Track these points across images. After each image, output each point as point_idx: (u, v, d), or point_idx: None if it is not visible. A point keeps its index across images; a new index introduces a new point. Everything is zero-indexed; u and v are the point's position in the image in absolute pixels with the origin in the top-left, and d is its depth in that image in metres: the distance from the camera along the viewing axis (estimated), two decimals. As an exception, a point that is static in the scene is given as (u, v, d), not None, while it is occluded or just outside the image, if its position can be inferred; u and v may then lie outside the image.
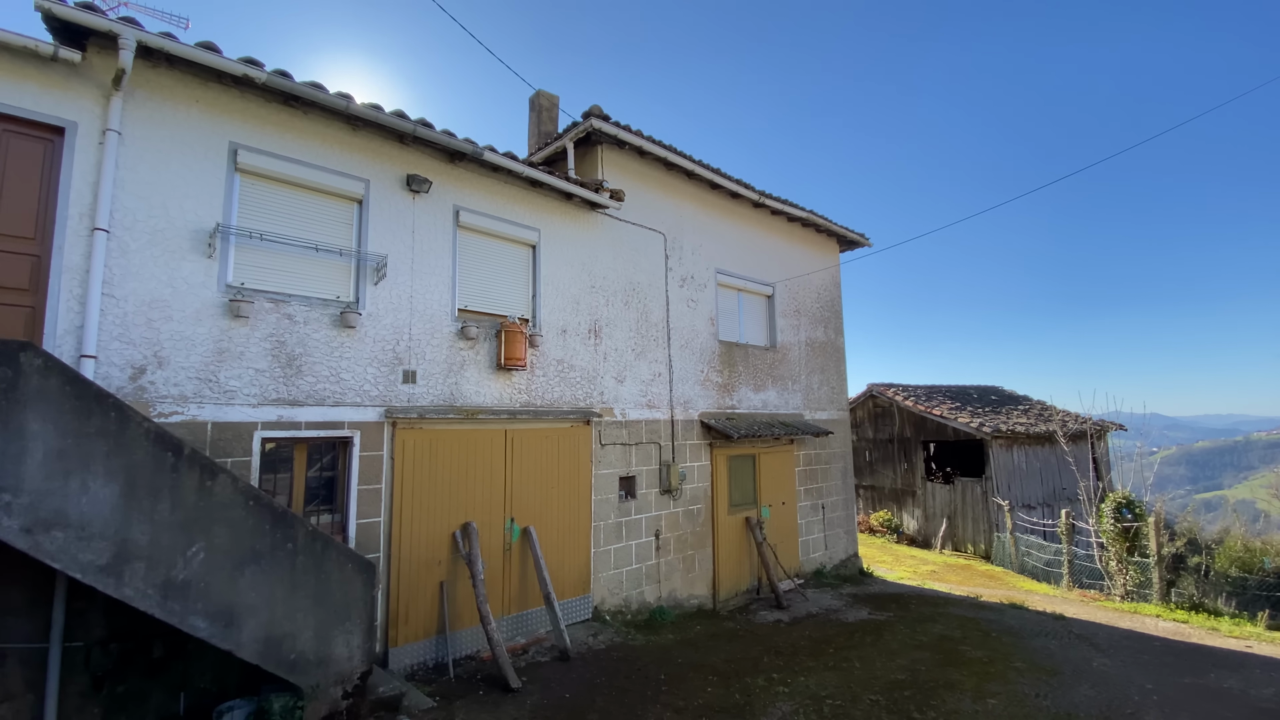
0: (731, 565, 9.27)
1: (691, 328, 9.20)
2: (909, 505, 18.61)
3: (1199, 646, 7.45)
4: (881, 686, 5.74)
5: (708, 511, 9.05)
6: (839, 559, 11.38)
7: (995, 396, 21.92)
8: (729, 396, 9.65)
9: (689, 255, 9.31)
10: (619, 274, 8.23)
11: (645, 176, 8.78)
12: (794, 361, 11.03)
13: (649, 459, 8.29)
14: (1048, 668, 6.31)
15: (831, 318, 12.11)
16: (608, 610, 7.56)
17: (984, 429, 16.37)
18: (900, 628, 7.76)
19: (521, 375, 6.90)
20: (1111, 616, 8.94)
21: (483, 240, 6.89)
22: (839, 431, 11.74)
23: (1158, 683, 6.02)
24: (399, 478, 5.86)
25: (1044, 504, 16.97)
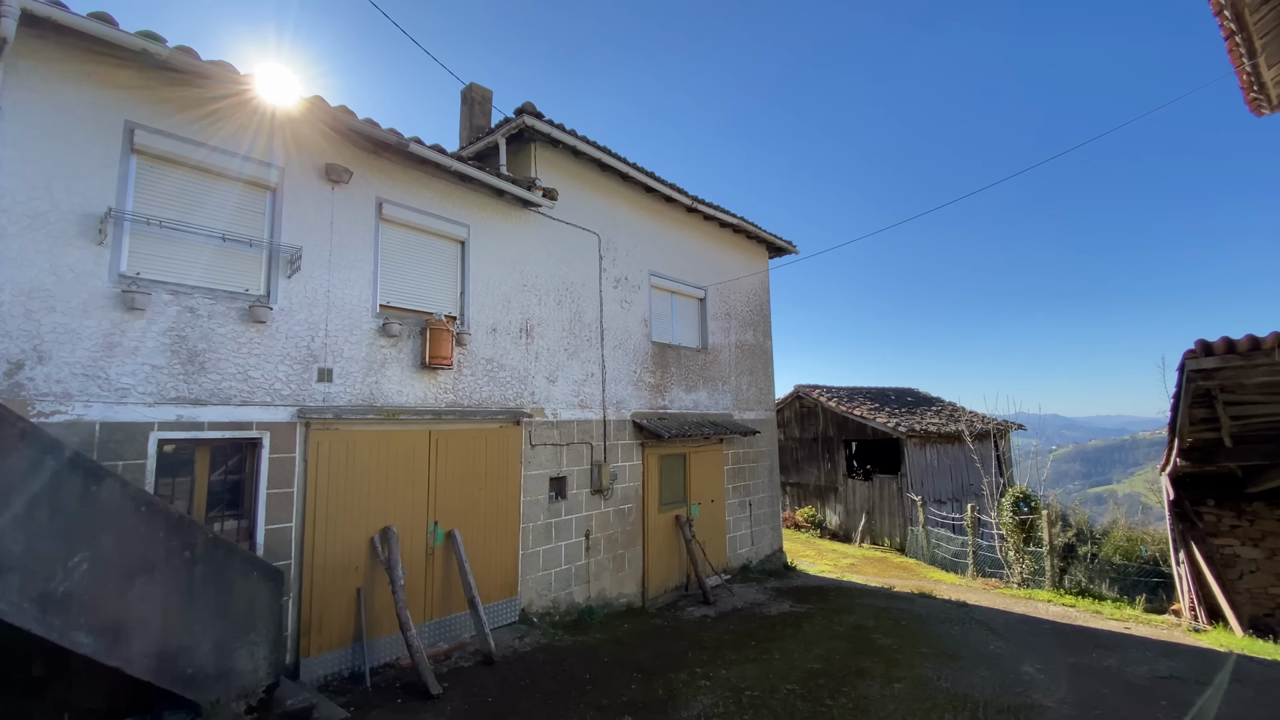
0: (661, 563, 9.39)
1: (625, 329, 9.26)
2: (831, 501, 19.43)
3: (1084, 629, 8.15)
4: (798, 676, 5.98)
5: (639, 510, 9.14)
6: (765, 554, 11.74)
7: (911, 398, 23.20)
8: (661, 397, 9.77)
9: (623, 257, 9.36)
10: (552, 273, 8.19)
11: (580, 177, 8.77)
12: (724, 363, 11.30)
13: (580, 459, 8.29)
14: (950, 652, 6.75)
15: (761, 321, 12.48)
16: (535, 612, 7.50)
17: (900, 429, 17.31)
18: (819, 619, 8.10)
19: (448, 374, 6.75)
20: (1009, 602, 9.66)
21: (408, 234, 6.69)
22: (766, 431, 12.11)
23: (1045, 663, 6.55)
24: (313, 481, 5.60)
25: (953, 499, 18.11)
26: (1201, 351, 6.23)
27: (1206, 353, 6.21)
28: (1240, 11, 4.93)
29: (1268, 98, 5.84)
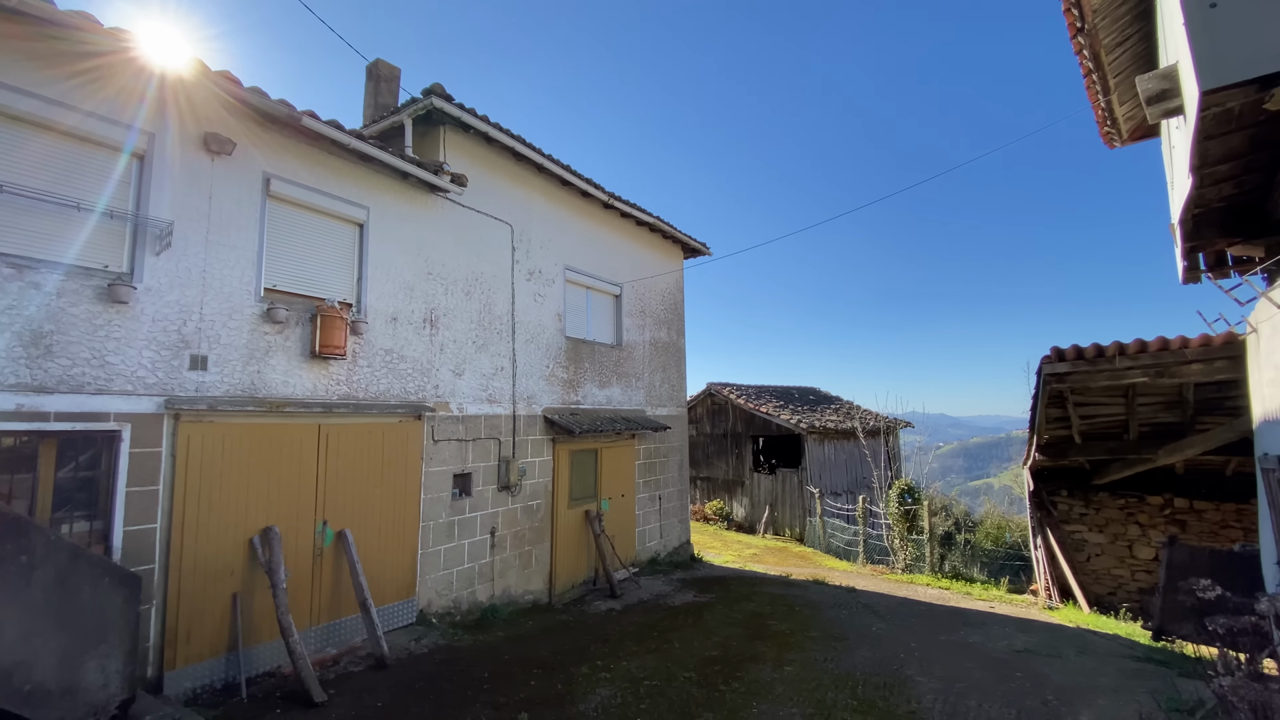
0: (570, 558, 9.37)
1: (538, 322, 9.13)
2: (738, 494, 20.13)
3: (955, 609, 8.92)
4: (696, 664, 6.15)
5: (548, 506, 9.06)
6: (673, 546, 11.99)
7: (813, 396, 24.46)
8: (574, 392, 9.73)
9: (537, 249, 9.23)
10: (461, 262, 7.93)
11: (493, 165, 8.55)
12: (638, 360, 11.41)
13: (487, 455, 8.10)
14: (837, 635, 7.18)
15: (674, 320, 12.70)
16: (435, 612, 7.26)
17: (801, 425, 18.20)
18: (719, 608, 8.37)
19: (341, 365, 6.38)
20: (892, 587, 10.41)
21: (299, 214, 6.26)
22: (677, 427, 12.36)
23: (921, 641, 7.10)
24: (182, 478, 5.13)
25: (847, 491, 19.28)
26: (1055, 357, 6.97)
27: (1060, 359, 6.95)
28: (1098, 52, 5.53)
29: (1119, 131, 6.61)
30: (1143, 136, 6.45)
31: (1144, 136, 6.45)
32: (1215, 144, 3.98)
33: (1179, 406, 8.13)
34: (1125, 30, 5.23)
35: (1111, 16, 5.08)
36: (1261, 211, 4.91)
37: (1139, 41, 5.36)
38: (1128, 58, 5.51)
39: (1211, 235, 4.95)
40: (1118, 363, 6.75)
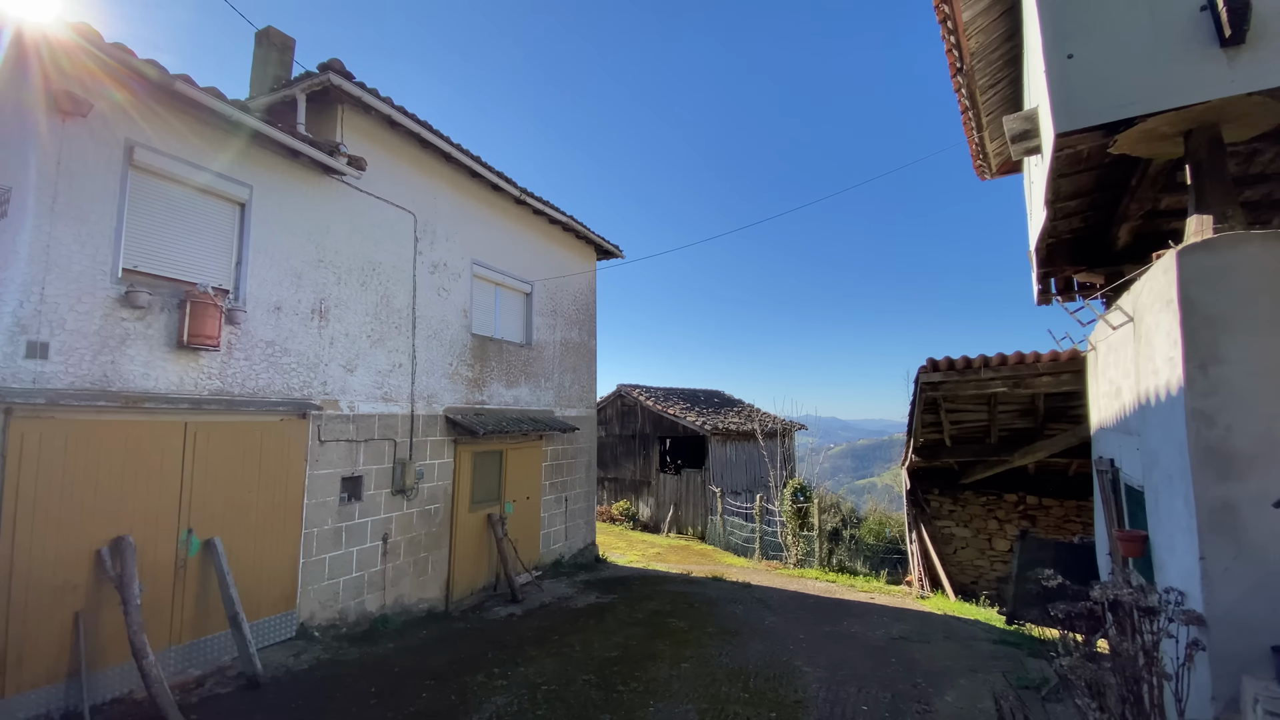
0: (469, 564, 9.06)
1: (442, 318, 8.77)
2: (645, 495, 20.40)
3: (840, 600, 9.50)
4: (595, 665, 6.14)
5: (447, 510, 8.72)
6: (578, 548, 11.92)
7: (718, 399, 25.27)
8: (479, 392, 9.43)
9: (443, 241, 8.86)
10: (357, 251, 7.47)
11: (397, 151, 8.12)
12: (548, 360, 11.25)
13: (381, 457, 7.67)
14: (732, 630, 7.44)
15: (586, 320, 12.65)
16: (318, 625, 6.78)
17: (706, 427, 18.75)
18: (621, 608, 8.42)
19: (213, 357, 5.80)
20: (785, 581, 10.93)
21: (170, 188, 5.64)
22: (586, 428, 12.31)
23: (808, 633, 7.50)
24: (14, 482, 4.46)
25: (747, 490, 20.06)
26: (930, 368, 7.62)
27: (934, 369, 7.61)
28: (973, 92, 6.09)
29: (989, 165, 7.32)
30: (1009, 171, 7.20)
31: (1010, 171, 7.20)
32: (1067, 181, 4.50)
33: (1032, 414, 9.15)
34: (998, 74, 5.81)
35: (986, 60, 5.63)
36: (1103, 243, 5.62)
37: (1008, 85, 5.97)
38: (998, 99, 6.13)
39: (1061, 263, 5.60)
40: (982, 374, 7.50)
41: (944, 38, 5.28)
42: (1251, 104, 3.38)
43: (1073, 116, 3.44)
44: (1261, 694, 2.95)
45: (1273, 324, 3.22)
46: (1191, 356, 3.34)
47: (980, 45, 5.39)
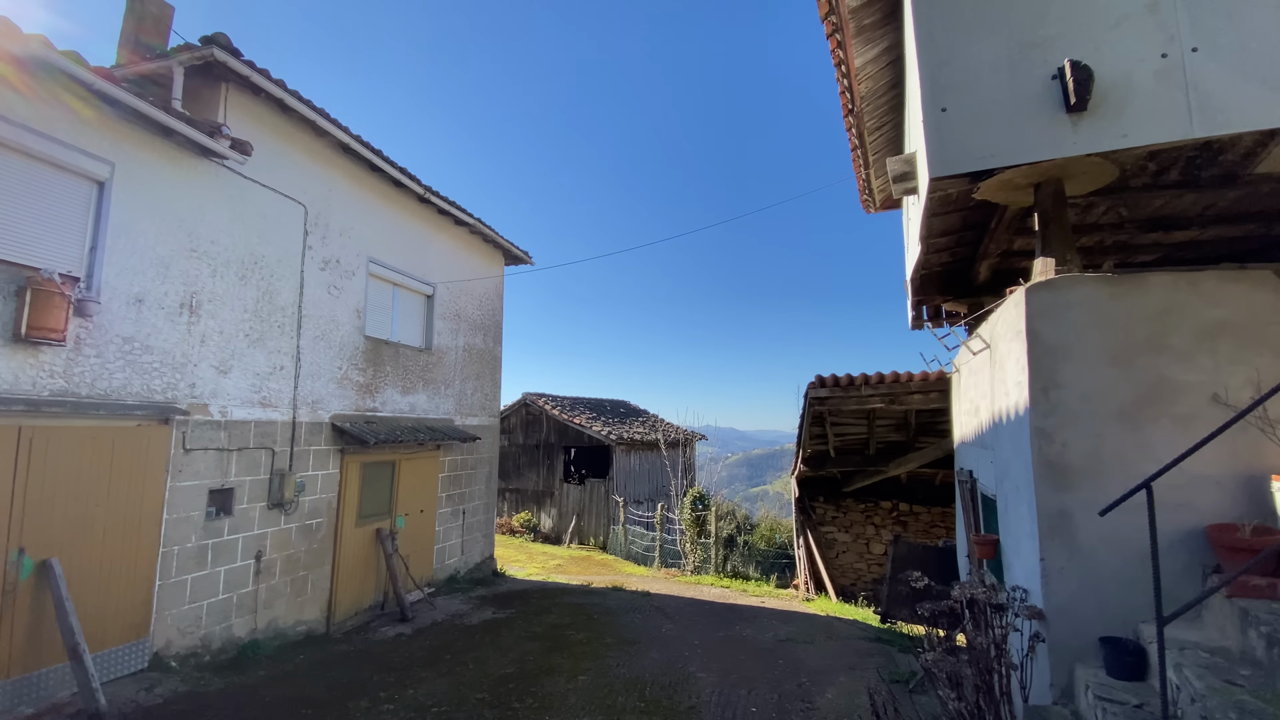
0: (354, 582, 8.50)
1: (332, 318, 8.22)
2: (547, 505, 20.12)
3: (733, 605, 9.84)
4: (490, 684, 5.97)
5: (330, 525, 8.13)
6: (475, 562, 11.52)
7: (623, 409, 25.50)
8: (372, 398, 8.91)
9: (336, 237, 8.34)
10: (238, 241, 6.86)
11: (289, 138, 7.57)
12: (449, 366, 10.85)
13: (256, 467, 7.05)
14: (630, 639, 7.50)
15: (492, 326, 12.34)
16: (176, 654, 6.08)
17: (611, 436, 18.86)
18: (518, 623, 8.24)
19: (57, 353, 5.09)
20: (682, 588, 11.18)
21: (10, 159, 4.91)
22: (488, 438, 11.97)
23: (703, 638, 7.71)
24: None
25: (649, 499, 20.36)
26: (818, 384, 8.16)
27: (821, 385, 8.16)
28: (862, 132, 6.62)
29: (874, 201, 7.97)
30: (891, 207, 7.88)
31: (892, 207, 7.89)
32: (938, 220, 5.01)
33: (905, 428, 10.03)
34: (883, 118, 6.37)
35: (875, 104, 6.16)
36: (968, 277, 6.29)
37: (892, 128, 6.56)
38: (883, 141, 6.71)
39: (932, 293, 6.20)
40: (863, 391, 8.14)
41: (838, 80, 5.72)
42: (1090, 163, 3.95)
43: (944, 163, 3.86)
44: (1091, 681, 3.39)
45: (1100, 354, 3.75)
46: (1035, 381, 3.82)
47: (869, 90, 5.89)
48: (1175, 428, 3.58)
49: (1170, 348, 3.66)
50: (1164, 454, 3.33)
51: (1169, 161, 4.17)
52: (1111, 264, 6.00)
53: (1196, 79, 3.56)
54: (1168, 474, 3.09)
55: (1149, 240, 5.64)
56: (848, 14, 4.92)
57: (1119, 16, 3.69)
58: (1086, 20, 3.74)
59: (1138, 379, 3.67)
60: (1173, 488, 3.44)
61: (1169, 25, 3.63)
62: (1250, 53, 3.51)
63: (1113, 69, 3.65)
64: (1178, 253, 5.94)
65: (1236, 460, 3.51)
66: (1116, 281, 3.78)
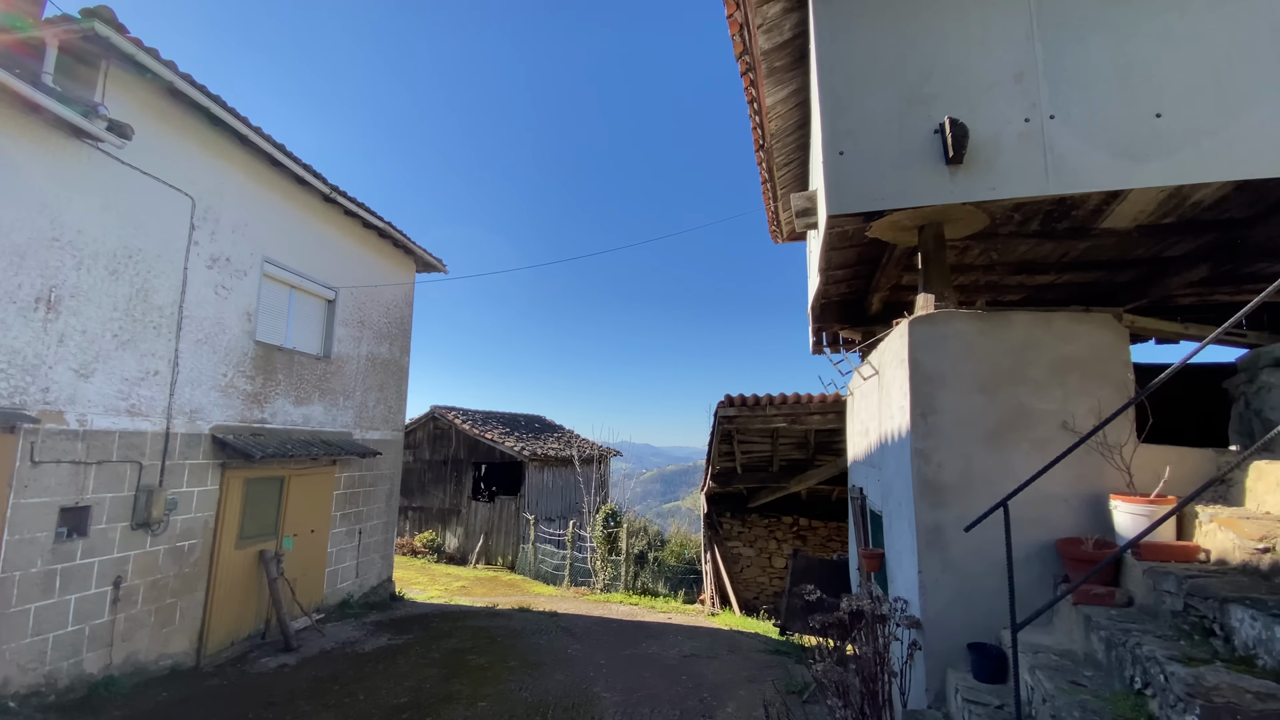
0: (232, 609, 7.78)
1: (218, 320, 7.60)
2: (453, 524, 19.36)
3: (641, 623, 9.87)
4: (382, 714, 5.65)
5: (206, 547, 7.44)
6: (371, 585, 10.88)
7: (538, 424, 25.11)
8: (260, 408, 8.28)
9: (228, 233, 7.75)
10: (109, 232, 6.22)
11: (180, 125, 7.00)
12: (350, 376, 10.28)
13: (120, 483, 6.35)
14: (534, 661, 7.34)
15: (399, 335, 11.83)
16: (15, 694, 5.31)
17: (524, 452, 18.49)
18: (416, 649, 7.85)
19: None
20: (590, 607, 11.08)
21: None
22: (390, 453, 11.41)
23: (609, 657, 7.67)
24: None
25: (561, 517, 20.09)
26: (727, 403, 8.46)
27: (730, 404, 8.46)
28: (772, 167, 6.99)
29: (781, 232, 8.40)
30: (797, 239, 8.35)
31: (798, 239, 8.35)
32: (836, 254, 5.36)
33: (805, 447, 10.55)
34: (791, 155, 6.76)
35: (783, 141, 6.53)
36: (862, 307, 6.74)
37: (800, 165, 6.97)
38: (791, 176, 7.12)
39: (831, 320, 6.61)
40: (768, 410, 8.52)
41: (751, 116, 6.03)
42: (965, 211, 4.38)
43: (840, 203, 4.16)
44: (960, 684, 3.68)
45: (971, 383, 4.14)
46: (916, 406, 4.15)
47: (779, 128, 6.25)
48: (1033, 451, 3.99)
49: (1029, 379, 4.09)
50: (1023, 474, 3.70)
51: (1031, 213, 4.70)
52: (984, 302, 6.65)
53: (1053, 143, 4.06)
54: (1026, 492, 3.45)
55: (1016, 281, 6.30)
56: (760, 56, 5.22)
57: (991, 82, 4.15)
58: (965, 83, 4.17)
59: (1002, 406, 4.08)
60: (1029, 505, 3.83)
61: (1032, 94, 4.12)
62: (1097, 123, 4.04)
63: (985, 128, 4.09)
64: (1040, 293, 6.68)
65: (1082, 481, 3.96)
66: (986, 318, 4.20)
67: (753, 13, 4.79)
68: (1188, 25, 3.96)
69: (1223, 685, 2.28)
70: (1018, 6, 4.16)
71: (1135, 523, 3.46)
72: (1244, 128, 3.80)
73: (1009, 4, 4.18)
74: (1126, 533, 3.53)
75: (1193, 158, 3.85)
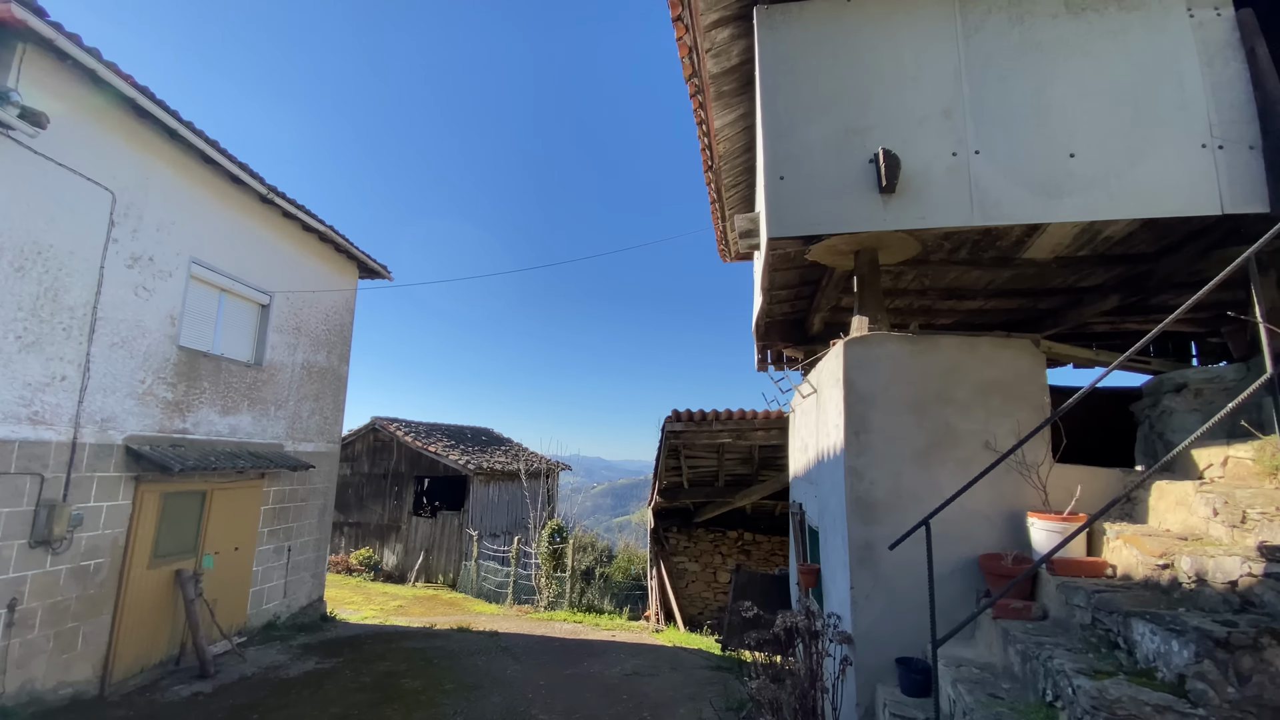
0: (142, 634, 7.24)
1: (137, 323, 7.15)
2: (392, 541, 18.67)
3: (584, 641, 9.71)
4: (303, 745, 5.34)
5: (115, 566, 6.91)
6: (300, 606, 10.34)
7: (485, 437, 24.60)
8: (182, 418, 7.80)
9: (152, 231, 7.32)
10: (15, 225, 5.78)
11: (102, 115, 6.61)
12: (283, 384, 9.82)
13: (17, 497, 5.85)
14: (471, 684, 7.11)
15: (339, 343, 11.40)
16: None
17: (470, 466, 18.05)
18: (346, 673, 7.49)
19: None
20: (533, 626, 10.84)
21: None
22: (325, 466, 10.93)
23: (549, 678, 7.50)
24: None
25: (506, 533, 19.66)
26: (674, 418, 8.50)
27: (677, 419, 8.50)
28: (720, 188, 7.11)
29: (729, 251, 8.55)
30: (744, 258, 8.51)
31: (745, 258, 8.52)
32: (779, 275, 5.48)
33: (750, 462, 10.69)
34: (739, 177, 6.91)
35: (731, 163, 6.67)
36: (804, 327, 6.91)
37: (746, 187, 7.13)
38: (738, 197, 7.27)
39: (775, 339, 6.75)
40: (714, 426, 8.60)
41: (700, 138, 6.14)
42: (898, 238, 4.56)
43: (781, 226, 4.27)
44: (889, 699, 3.76)
45: (901, 403, 4.29)
46: (850, 424, 4.27)
47: (727, 150, 6.38)
48: (958, 469, 4.15)
49: (955, 400, 4.26)
50: (949, 492, 3.84)
51: (960, 242, 4.94)
52: (917, 325, 6.92)
53: (978, 177, 4.28)
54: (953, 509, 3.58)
55: (947, 306, 6.60)
56: (709, 79, 5.32)
57: (922, 117, 4.35)
58: (898, 116, 4.36)
59: (929, 426, 4.23)
60: (955, 522, 3.98)
61: (959, 130, 4.34)
62: (1018, 160, 4.28)
63: (916, 160, 4.27)
64: (970, 318, 7.01)
65: (1003, 499, 4.13)
66: (916, 341, 4.37)
67: (701, 37, 4.89)
68: (1100, 72, 4.26)
69: (1124, 698, 2.39)
70: (948, 46, 4.39)
71: (1050, 539, 3.64)
72: (1149, 169, 4.10)
73: (940, 44, 4.40)
74: (1042, 548, 3.70)
75: (1103, 196, 4.12)
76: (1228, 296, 4.94)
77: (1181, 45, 4.17)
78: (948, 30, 4.40)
